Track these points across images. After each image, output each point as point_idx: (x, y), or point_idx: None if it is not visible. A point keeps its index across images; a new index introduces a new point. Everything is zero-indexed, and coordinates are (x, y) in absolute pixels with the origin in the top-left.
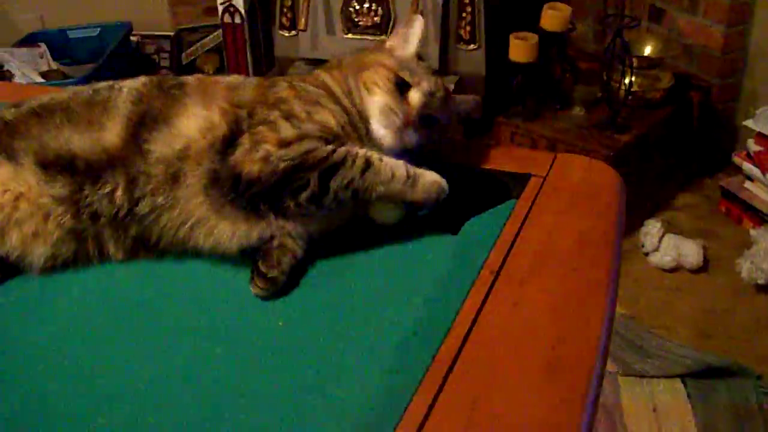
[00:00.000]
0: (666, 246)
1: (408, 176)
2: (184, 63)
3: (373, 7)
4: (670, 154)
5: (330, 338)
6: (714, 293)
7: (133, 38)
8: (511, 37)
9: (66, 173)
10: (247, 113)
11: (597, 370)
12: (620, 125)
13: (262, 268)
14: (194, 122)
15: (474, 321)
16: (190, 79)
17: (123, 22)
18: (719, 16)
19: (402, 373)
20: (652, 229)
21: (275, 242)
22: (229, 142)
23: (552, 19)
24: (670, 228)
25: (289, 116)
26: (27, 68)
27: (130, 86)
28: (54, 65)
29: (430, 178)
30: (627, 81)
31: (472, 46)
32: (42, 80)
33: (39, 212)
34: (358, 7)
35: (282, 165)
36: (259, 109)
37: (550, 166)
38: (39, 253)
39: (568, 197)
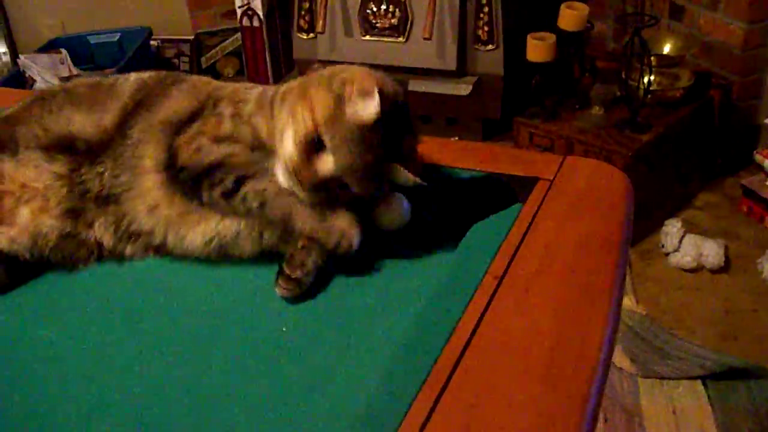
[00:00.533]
0: (686, 246)
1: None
2: (204, 67)
3: (390, 9)
4: (690, 153)
5: (331, 343)
6: (735, 293)
7: (153, 43)
8: (529, 37)
9: (66, 153)
10: (213, 103)
11: (597, 378)
12: (640, 125)
13: (286, 270)
14: (172, 104)
15: (476, 327)
16: (194, 77)
17: (143, 27)
18: (740, 13)
19: (402, 380)
20: (672, 229)
21: (299, 243)
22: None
23: (569, 18)
24: (690, 228)
25: (238, 115)
26: (48, 74)
27: (138, 76)
28: (75, 71)
29: (341, 225)
30: (646, 80)
31: (490, 47)
32: None
33: (42, 190)
34: (375, 9)
35: (207, 160)
36: (222, 103)
37: (558, 170)
38: (48, 226)
39: (573, 201)
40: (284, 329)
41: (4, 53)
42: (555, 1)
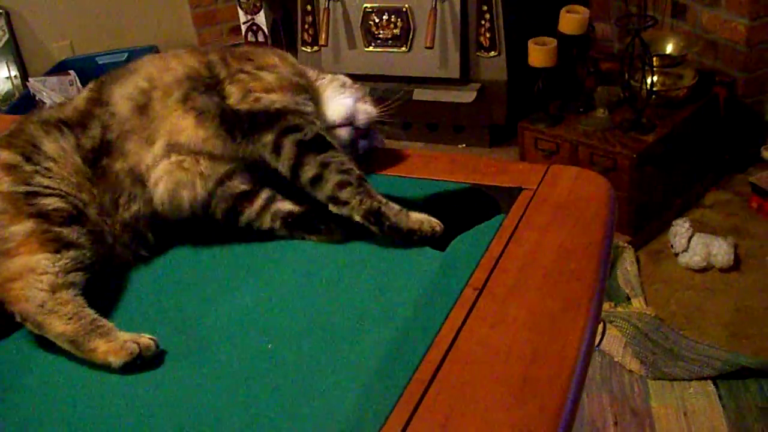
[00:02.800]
0: (696, 246)
1: (401, 209)
2: None
3: (392, 20)
4: (697, 151)
5: (312, 360)
6: (746, 292)
7: None
8: (530, 42)
9: (65, 126)
10: (220, 58)
11: (572, 390)
12: (644, 125)
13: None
14: (152, 67)
15: (454, 340)
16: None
17: (150, 46)
18: (742, 9)
19: (380, 394)
20: (680, 229)
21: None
22: (204, 80)
23: (570, 22)
24: (700, 227)
25: (263, 66)
26: (57, 96)
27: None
28: None
29: (421, 215)
30: (649, 81)
31: (492, 53)
32: None
33: (71, 167)
34: (377, 20)
35: (278, 105)
36: (231, 59)
37: (542, 179)
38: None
39: (555, 210)
40: (270, 346)
41: (15, 77)
42: (556, 6)
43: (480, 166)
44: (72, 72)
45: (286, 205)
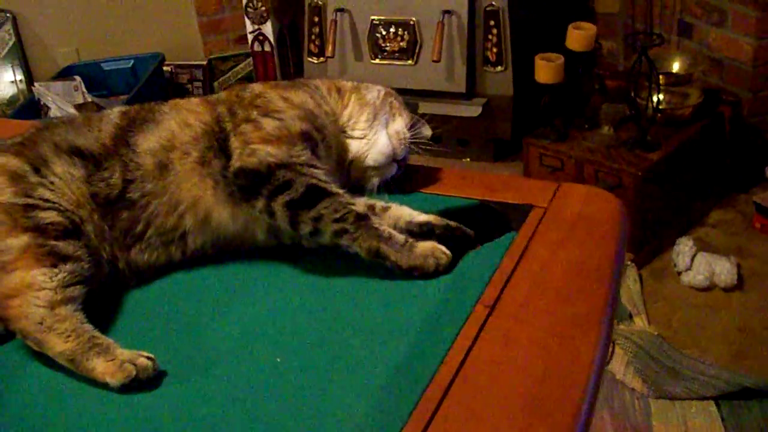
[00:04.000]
0: (699, 264)
1: (405, 241)
2: (216, 92)
3: (399, 33)
4: (701, 170)
5: (322, 371)
6: (748, 312)
7: (166, 68)
8: (537, 58)
9: (78, 158)
10: (227, 109)
11: (584, 409)
12: (649, 143)
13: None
14: (173, 122)
15: (464, 358)
16: (170, 101)
17: (155, 53)
18: (748, 29)
19: (389, 412)
20: (684, 247)
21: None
22: (216, 135)
23: (577, 38)
24: (703, 246)
25: (267, 112)
26: (62, 101)
27: (120, 109)
28: (88, 98)
29: (428, 245)
30: (655, 99)
31: (499, 68)
32: (76, 113)
33: (75, 190)
34: (384, 33)
35: (270, 159)
36: (238, 108)
37: (553, 197)
38: (86, 219)
39: (566, 228)
40: (278, 359)
41: (20, 81)
42: (563, 22)
43: (490, 182)
44: (77, 78)
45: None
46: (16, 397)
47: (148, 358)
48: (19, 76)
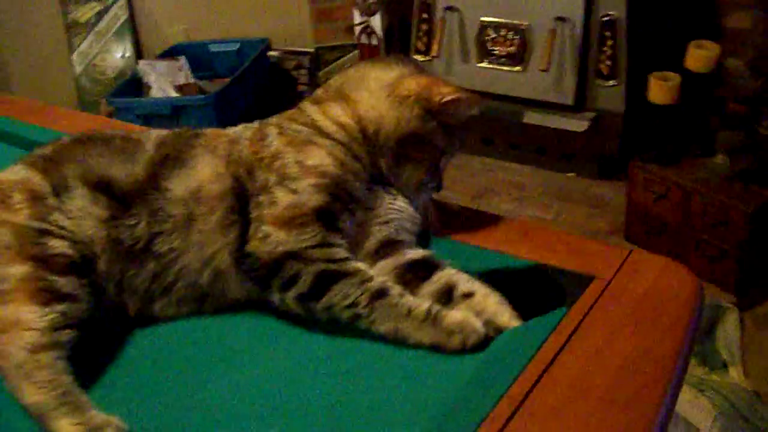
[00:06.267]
0: None
1: (428, 313)
2: (320, 82)
3: (510, 36)
4: None
5: None
6: None
7: (274, 53)
8: (651, 76)
9: (106, 195)
10: (246, 171)
11: None
12: (766, 178)
13: None
14: (206, 167)
15: None
16: (208, 132)
17: (261, 38)
18: None
19: None
20: None
21: None
22: (236, 196)
23: (698, 58)
24: None
25: (283, 178)
26: (164, 81)
27: (158, 133)
28: (191, 79)
29: (458, 317)
30: None
31: (611, 82)
32: (176, 94)
33: (93, 228)
34: (493, 35)
35: (280, 249)
36: (258, 171)
37: (619, 268)
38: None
39: (629, 310)
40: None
41: (129, 57)
42: (684, 38)
43: (552, 241)
44: (182, 58)
45: None
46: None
47: (119, 425)
48: (128, 53)
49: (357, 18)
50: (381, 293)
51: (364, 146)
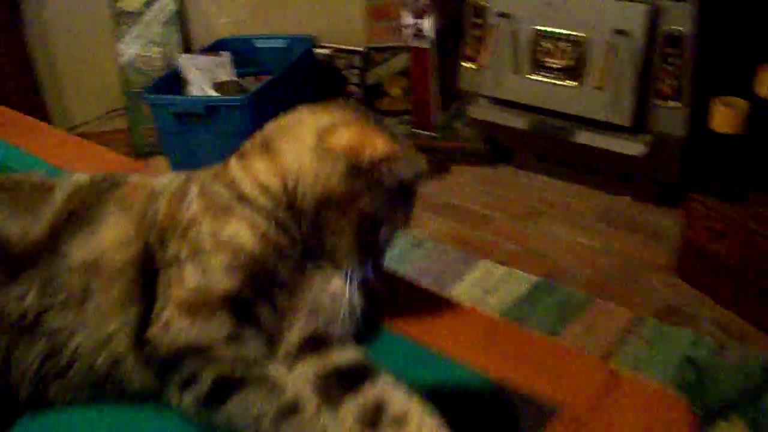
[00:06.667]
0: None
1: None
2: (369, 83)
3: (566, 48)
4: None
5: None
6: None
7: (324, 51)
8: (715, 101)
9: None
10: (159, 238)
11: None
12: None
13: None
14: (113, 229)
15: None
16: (131, 181)
17: (307, 36)
18: None
19: None
20: None
21: None
22: (142, 269)
23: None
24: None
25: (195, 252)
26: (204, 78)
27: (77, 180)
28: (233, 76)
29: None
30: None
31: (672, 104)
32: (214, 93)
33: None
34: (549, 46)
35: (181, 340)
36: (171, 238)
37: (597, 392)
38: None
39: None
40: None
41: (176, 48)
42: (756, 60)
43: (521, 349)
44: (225, 53)
45: None
46: None
47: None
48: (176, 45)
49: (407, 19)
50: (292, 409)
51: (292, 212)
